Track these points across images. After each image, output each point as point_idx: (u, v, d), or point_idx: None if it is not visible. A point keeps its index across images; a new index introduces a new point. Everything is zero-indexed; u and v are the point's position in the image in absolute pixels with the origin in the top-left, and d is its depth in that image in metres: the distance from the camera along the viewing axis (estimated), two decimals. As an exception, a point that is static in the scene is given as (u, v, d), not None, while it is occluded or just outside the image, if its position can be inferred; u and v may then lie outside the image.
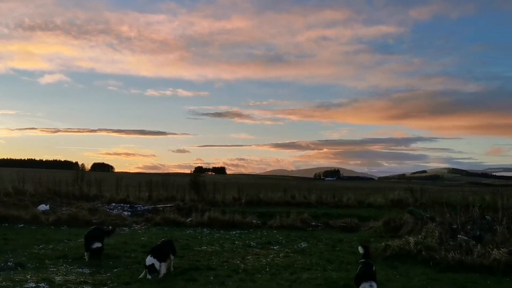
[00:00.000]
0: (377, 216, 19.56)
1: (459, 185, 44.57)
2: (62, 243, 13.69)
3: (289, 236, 16.48)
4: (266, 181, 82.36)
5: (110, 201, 24.38)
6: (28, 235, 14.60)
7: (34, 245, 13.01)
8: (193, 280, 9.41)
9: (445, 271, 10.61)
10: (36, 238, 14.20)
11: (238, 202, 27.67)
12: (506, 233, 12.69)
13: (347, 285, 9.12)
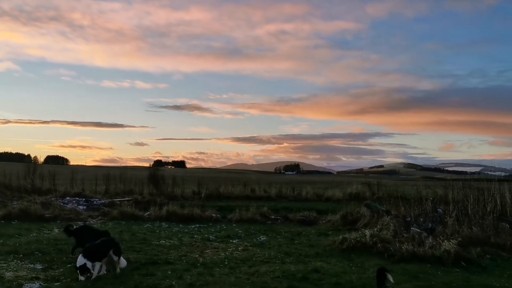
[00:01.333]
0: (335, 209, 19.92)
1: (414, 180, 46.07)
2: (13, 238, 13.18)
3: (248, 230, 16.53)
4: (227, 175, 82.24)
5: (64, 195, 23.67)
6: (-24, 231, 13.96)
7: (-18, 241, 12.46)
8: (151, 275, 9.29)
9: (398, 262, 10.93)
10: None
11: (198, 196, 27.53)
12: (456, 225, 13.23)
13: (305, 277, 9.25)
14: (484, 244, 12.25)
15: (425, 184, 25.79)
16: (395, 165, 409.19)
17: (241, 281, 8.90)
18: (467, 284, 9.05)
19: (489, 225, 13.35)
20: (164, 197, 24.65)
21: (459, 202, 15.73)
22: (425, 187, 21.69)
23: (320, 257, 11.71)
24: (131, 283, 8.54)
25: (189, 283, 8.63)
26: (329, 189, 33.73)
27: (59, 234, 14.09)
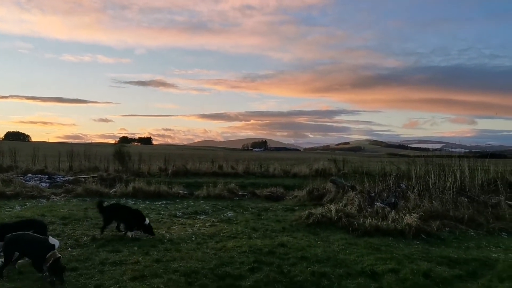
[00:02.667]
0: (302, 185, 20.20)
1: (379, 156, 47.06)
2: (-28, 216, 12.78)
3: (216, 206, 16.58)
4: (194, 151, 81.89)
5: (26, 172, 23.04)
6: None
7: None
8: (117, 251, 9.22)
9: (362, 236, 11.23)
10: None
11: (165, 172, 27.31)
12: (417, 199, 13.66)
13: (271, 251, 9.38)
14: (443, 217, 12.72)
15: (389, 160, 26.37)
16: (361, 142, 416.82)
17: (208, 256, 8.95)
18: (426, 255, 9.40)
19: (448, 200, 13.84)
20: (130, 174, 24.36)
21: (421, 177, 16.20)
22: (389, 163, 22.15)
23: (286, 232, 11.89)
24: (97, 259, 8.47)
25: (156, 259, 8.61)
26: (296, 165, 34.05)
27: (21, 212, 13.77)
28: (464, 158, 18.18)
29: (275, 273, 7.87)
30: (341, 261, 8.76)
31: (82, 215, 13.38)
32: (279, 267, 8.19)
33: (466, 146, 27.60)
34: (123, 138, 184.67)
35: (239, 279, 7.54)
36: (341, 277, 7.75)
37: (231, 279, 7.53)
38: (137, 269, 7.92)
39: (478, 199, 14.19)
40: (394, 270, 8.10)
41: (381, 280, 7.63)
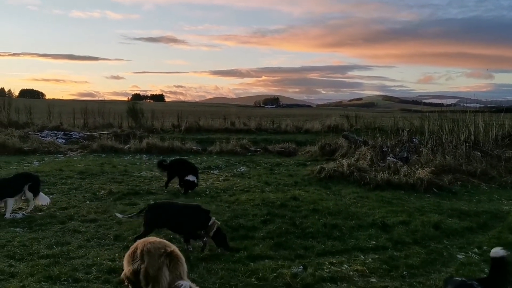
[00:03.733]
0: (314, 141, 20.27)
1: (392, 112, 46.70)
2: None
3: (228, 161, 16.79)
4: (206, 108, 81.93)
5: (42, 128, 23.33)
6: (-47, 164, 13.84)
7: (-39, 174, 12.39)
8: (133, 204, 9.48)
9: (374, 189, 11.36)
10: (-38, 166, 13.51)
11: (178, 129, 27.44)
12: (430, 154, 13.65)
13: (284, 204, 9.56)
14: (456, 171, 12.75)
15: (402, 116, 26.16)
16: (374, 97, 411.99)
17: (222, 209, 9.16)
18: (437, 208, 9.51)
19: (461, 154, 13.81)
20: (144, 130, 24.54)
21: (434, 132, 16.11)
22: (402, 118, 22.04)
23: (298, 186, 12.06)
24: (114, 211, 8.70)
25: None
26: (308, 121, 33.97)
27: (40, 167, 14.10)
28: (479, 113, 17.97)
29: (287, 225, 8.06)
30: (352, 213, 8.92)
31: (99, 170, 13.66)
32: (291, 219, 8.37)
33: (481, 101, 27.17)
34: (136, 95, 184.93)
35: (253, 230, 7.75)
36: (352, 229, 7.91)
37: (245, 230, 7.74)
38: (153, 220, 8.14)
39: (491, 153, 14.14)
40: (404, 222, 8.25)
41: (392, 231, 7.77)
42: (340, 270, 6.02)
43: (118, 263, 5.96)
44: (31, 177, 8.91)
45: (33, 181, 8.73)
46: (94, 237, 7.20)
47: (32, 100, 53.76)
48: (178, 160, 12.29)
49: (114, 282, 5.38)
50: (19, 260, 6.07)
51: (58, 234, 7.33)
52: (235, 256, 6.44)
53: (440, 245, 7.15)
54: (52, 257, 6.16)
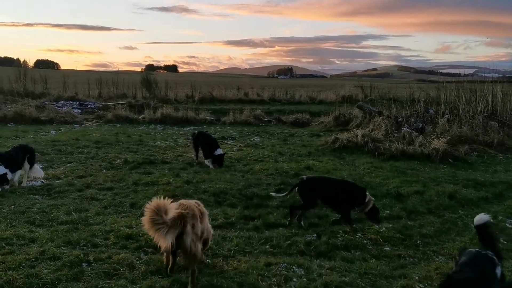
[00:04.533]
0: (328, 111, 20.14)
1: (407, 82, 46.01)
2: (10, 139, 13.33)
3: (242, 132, 16.82)
4: (219, 79, 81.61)
5: (58, 98, 23.52)
6: (-28, 133, 14.09)
7: (-20, 143, 12.62)
8: (149, 173, 9.59)
9: (388, 160, 11.33)
10: (-19, 135, 13.74)
11: (191, 99, 27.42)
12: (446, 124, 13.49)
13: (298, 174, 9.59)
14: (472, 142, 12.62)
15: (418, 86, 25.73)
16: (389, 68, 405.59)
17: (236, 178, 9.23)
18: (452, 178, 9.47)
19: (478, 124, 13.64)
20: (158, 100, 24.59)
21: (451, 103, 15.89)
22: (418, 89, 21.69)
23: (312, 156, 12.06)
24: (130, 180, 8.84)
25: (186, 180, 8.93)
26: (322, 92, 33.66)
27: (57, 136, 14.29)
28: (497, 83, 17.62)
29: (301, 194, 8.08)
30: (366, 183, 8.91)
31: (114, 139, 13.80)
32: (305, 189, 8.39)
33: (500, 71, 26.54)
34: (149, 66, 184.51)
35: (267, 199, 7.81)
36: (366, 198, 7.92)
37: (259, 199, 7.81)
38: (168, 189, 8.26)
39: (509, 123, 13.93)
40: (419, 192, 8.24)
41: (406, 201, 7.78)
42: (353, 239, 6.07)
43: (135, 229, 6.08)
44: (29, 149, 8.91)
45: (30, 153, 8.76)
46: (111, 204, 7.33)
47: (47, 70, 53.99)
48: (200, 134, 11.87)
49: (131, 248, 5.50)
50: (39, 226, 6.23)
51: (76, 201, 7.48)
52: (249, 224, 6.53)
53: (455, 214, 7.15)
54: (71, 223, 6.31)
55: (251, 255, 5.47)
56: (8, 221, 6.29)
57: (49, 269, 4.79)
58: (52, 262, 4.96)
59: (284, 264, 5.15)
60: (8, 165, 7.89)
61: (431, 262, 5.37)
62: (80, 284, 4.51)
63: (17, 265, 4.84)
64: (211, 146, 10.70)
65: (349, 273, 4.97)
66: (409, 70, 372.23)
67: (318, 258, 5.45)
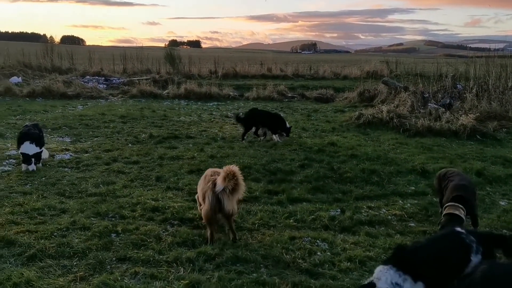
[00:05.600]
0: (352, 87, 19.89)
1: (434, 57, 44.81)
2: (39, 114, 13.64)
3: (266, 107, 16.76)
4: (242, 54, 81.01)
5: (84, 74, 23.83)
6: (3, 107, 14.44)
7: (11, 116, 12.94)
8: (173, 148, 9.71)
9: (414, 136, 11.16)
10: (11, 109, 14.08)
11: (215, 75, 27.39)
12: (475, 100, 13.16)
13: (321, 150, 9.57)
14: (501, 118, 12.29)
15: (446, 61, 25.06)
16: (415, 42, 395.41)
17: (260, 153, 9.26)
18: (480, 155, 9.29)
19: (508, 100, 13.26)
20: (181, 76, 24.64)
21: (480, 78, 15.46)
22: (445, 64, 21.11)
23: (336, 132, 11.99)
24: (156, 154, 8.97)
25: (210, 155, 9.01)
26: (346, 67, 33.16)
27: (84, 111, 14.54)
28: (529, 57, 17.03)
29: (325, 169, 8.09)
30: (391, 159, 8.84)
31: (139, 114, 13.96)
32: (329, 164, 8.39)
33: (532, 45, 25.61)
34: (172, 42, 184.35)
35: (290, 174, 7.83)
36: (391, 174, 7.87)
37: (283, 174, 7.84)
38: (193, 163, 8.36)
39: (541, 100, 13.50)
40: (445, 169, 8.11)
41: (431, 177, 7.64)
42: (378, 214, 6.06)
43: (161, 202, 6.21)
44: (40, 127, 8.89)
45: (42, 132, 8.75)
46: (137, 178, 7.47)
47: (73, 46, 54.60)
48: (254, 111, 11.65)
49: (157, 220, 5.63)
50: (69, 197, 6.42)
51: (104, 174, 7.65)
52: (273, 198, 6.58)
53: (482, 192, 7.04)
54: (99, 195, 6.47)
55: (275, 228, 5.53)
56: (39, 193, 6.50)
57: (79, 238, 4.96)
58: (83, 232, 5.13)
59: (308, 238, 5.20)
60: (38, 143, 8.10)
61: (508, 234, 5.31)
62: (109, 253, 4.65)
63: (49, 235, 5.02)
64: (278, 121, 10.85)
65: (373, 248, 4.98)
66: (437, 44, 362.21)
67: (342, 233, 5.48)
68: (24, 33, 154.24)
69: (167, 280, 4.15)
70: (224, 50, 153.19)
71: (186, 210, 5.94)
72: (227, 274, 4.27)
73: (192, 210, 5.96)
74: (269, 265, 4.56)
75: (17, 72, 21.83)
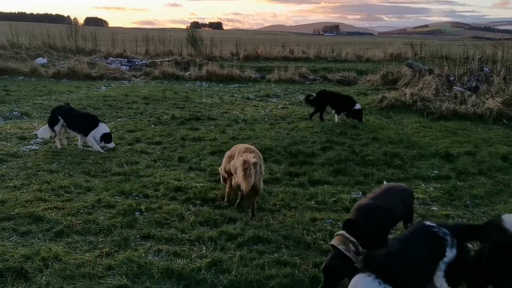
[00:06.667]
0: (375, 69, 19.60)
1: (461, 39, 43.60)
2: (64, 94, 13.88)
3: (287, 89, 16.71)
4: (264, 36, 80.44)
5: (107, 55, 24.08)
6: (29, 87, 14.73)
7: (37, 96, 13.19)
8: (195, 129, 9.78)
9: (438, 119, 10.99)
10: (37, 90, 14.34)
11: (236, 56, 27.37)
12: (502, 83, 12.82)
13: (343, 132, 9.52)
14: (530, 102, 11.97)
15: (473, 43, 24.42)
16: (441, 24, 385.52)
17: (281, 136, 9.27)
18: (506, 139, 9.10)
19: (537, 84, 12.88)
20: (203, 57, 24.68)
21: (508, 61, 15.03)
22: (472, 46, 20.57)
23: (358, 114, 11.86)
24: (178, 135, 9.07)
25: (232, 137, 9.06)
26: (369, 50, 32.71)
27: (107, 92, 14.72)
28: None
29: (347, 152, 8.05)
30: (414, 143, 8.74)
31: (161, 95, 14.07)
32: (350, 147, 8.35)
33: None
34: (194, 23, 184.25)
35: (312, 156, 7.82)
36: (414, 158, 7.79)
37: (304, 156, 7.83)
38: (214, 144, 8.43)
39: None
40: (470, 153, 7.99)
41: (456, 161, 7.58)
42: (400, 197, 6.01)
43: (183, 182, 6.29)
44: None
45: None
46: (160, 158, 7.57)
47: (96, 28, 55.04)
48: (325, 92, 11.72)
49: (180, 200, 5.71)
50: (94, 176, 6.56)
51: (127, 154, 7.78)
52: (294, 180, 6.60)
53: (508, 176, 6.91)
54: (123, 174, 6.59)
55: (296, 210, 5.56)
56: (66, 171, 6.65)
57: (105, 216, 5.08)
58: (107, 210, 5.25)
59: (329, 220, 5.22)
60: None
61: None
62: (133, 231, 4.76)
63: (76, 212, 5.15)
64: (347, 102, 10.94)
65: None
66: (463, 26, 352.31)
67: (363, 215, 5.46)
68: (49, 14, 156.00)
69: (190, 258, 4.23)
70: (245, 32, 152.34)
71: (208, 190, 6.01)
72: (248, 254, 4.33)
73: (214, 190, 6.04)
74: (290, 245, 4.61)
75: (42, 54, 22.19)
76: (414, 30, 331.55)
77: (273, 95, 15.30)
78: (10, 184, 6.02)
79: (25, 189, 5.86)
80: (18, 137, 8.51)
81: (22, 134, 8.73)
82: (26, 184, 6.03)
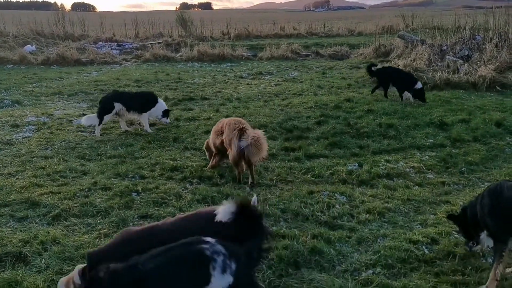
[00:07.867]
0: (367, 43, 19.52)
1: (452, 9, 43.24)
2: (55, 81, 13.71)
3: (279, 67, 16.60)
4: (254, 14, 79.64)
5: (96, 40, 23.77)
6: (19, 75, 14.53)
7: (28, 84, 13.02)
8: (189, 109, 9.73)
9: (431, 89, 10.98)
10: (28, 77, 14.16)
11: (227, 36, 27.12)
12: (494, 51, 12.80)
13: (338, 106, 9.50)
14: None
15: (464, 12, 24.27)
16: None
17: (275, 112, 9.24)
18: (500, 106, 9.13)
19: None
20: (194, 38, 24.43)
21: (499, 28, 14.96)
22: (464, 16, 20.46)
23: (352, 88, 11.86)
24: (171, 116, 9.00)
25: (226, 115, 8.98)
26: (361, 23, 32.53)
27: (98, 76, 14.57)
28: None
29: (341, 125, 8.05)
30: (408, 113, 8.75)
31: (153, 77, 13.95)
32: (345, 120, 8.35)
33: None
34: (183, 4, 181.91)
35: (307, 131, 7.82)
36: (409, 128, 7.81)
37: (299, 131, 7.82)
38: (209, 124, 8.36)
39: None
40: (464, 120, 8.02)
41: (450, 130, 7.60)
42: (396, 167, 6.05)
43: (179, 162, 6.28)
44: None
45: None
46: (155, 139, 7.54)
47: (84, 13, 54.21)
48: (386, 68, 11.26)
49: (177, 179, 5.70)
50: (89, 160, 6.52)
51: (122, 137, 7.74)
52: (290, 155, 6.60)
53: (502, 142, 6.96)
54: (118, 157, 6.56)
55: (293, 184, 5.57)
56: (60, 156, 6.61)
57: (101, 198, 5.07)
58: (104, 192, 5.24)
59: (326, 192, 5.23)
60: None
61: (476, 188, 5.30)
62: (131, 211, 4.76)
63: (72, 195, 5.14)
64: (408, 80, 10.02)
65: (392, 200, 5.00)
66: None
67: (360, 186, 5.51)
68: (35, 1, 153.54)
69: (189, 235, 4.24)
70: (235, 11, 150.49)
71: (204, 169, 6.01)
72: (247, 228, 4.34)
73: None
74: (288, 218, 4.63)
75: (31, 41, 21.85)
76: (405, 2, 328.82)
77: (266, 73, 15.21)
78: (4, 171, 5.98)
79: (20, 175, 5.82)
80: (11, 125, 8.43)
81: (14, 122, 8.64)
82: (21, 171, 5.99)
